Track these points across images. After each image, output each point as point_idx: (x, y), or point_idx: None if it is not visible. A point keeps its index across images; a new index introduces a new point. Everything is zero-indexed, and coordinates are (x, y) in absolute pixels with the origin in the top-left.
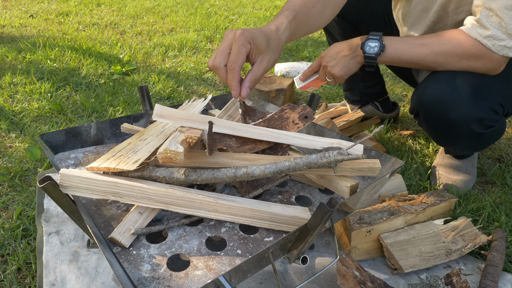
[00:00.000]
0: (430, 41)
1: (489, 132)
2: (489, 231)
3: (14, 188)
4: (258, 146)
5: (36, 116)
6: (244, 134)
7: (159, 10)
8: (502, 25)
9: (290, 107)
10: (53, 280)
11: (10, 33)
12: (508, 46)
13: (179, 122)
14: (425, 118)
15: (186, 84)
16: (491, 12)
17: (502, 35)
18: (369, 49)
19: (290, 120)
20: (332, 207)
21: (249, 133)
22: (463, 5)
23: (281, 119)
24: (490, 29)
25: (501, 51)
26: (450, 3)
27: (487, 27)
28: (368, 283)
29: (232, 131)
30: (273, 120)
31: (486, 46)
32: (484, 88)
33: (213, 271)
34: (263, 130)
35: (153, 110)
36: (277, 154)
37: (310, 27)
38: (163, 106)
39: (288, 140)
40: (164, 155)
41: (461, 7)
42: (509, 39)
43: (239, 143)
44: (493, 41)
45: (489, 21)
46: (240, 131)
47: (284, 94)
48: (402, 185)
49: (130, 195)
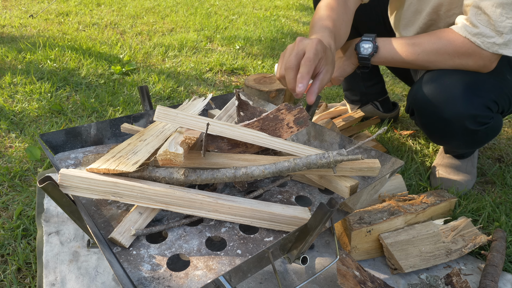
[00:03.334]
0: (421, 41)
1: (483, 129)
2: (489, 231)
3: (14, 188)
4: (249, 149)
5: (36, 116)
6: (236, 138)
7: (159, 10)
8: (490, 23)
9: (287, 108)
10: (53, 280)
11: (10, 33)
12: (497, 43)
13: (180, 124)
14: (420, 116)
15: (186, 84)
16: (479, 11)
17: (490, 32)
18: (362, 50)
19: (285, 123)
20: (332, 207)
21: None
22: (454, 8)
23: (276, 120)
24: (479, 26)
25: (490, 48)
26: (441, 6)
27: (476, 25)
28: (368, 283)
29: (223, 134)
30: (268, 121)
31: (475, 44)
32: (478, 85)
33: (213, 271)
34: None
35: (155, 111)
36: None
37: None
38: (164, 108)
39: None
40: (163, 156)
41: (453, 10)
42: (498, 36)
43: (230, 146)
44: (482, 39)
45: (478, 19)
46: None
47: (284, 94)
48: (402, 185)
49: (130, 195)
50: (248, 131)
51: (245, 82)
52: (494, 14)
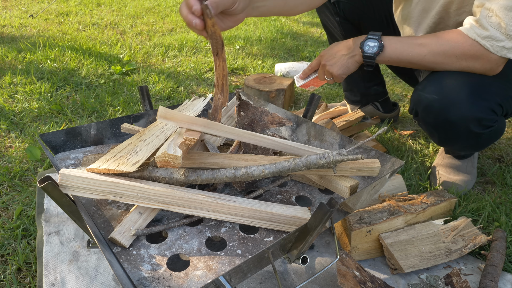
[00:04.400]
0: (428, 41)
1: (488, 132)
2: (489, 231)
3: (14, 188)
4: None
5: (36, 116)
6: (249, 141)
7: (159, 10)
8: (501, 26)
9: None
10: (53, 280)
11: (10, 33)
12: (506, 47)
13: (182, 125)
14: (424, 118)
15: (186, 84)
16: (491, 13)
17: (501, 36)
18: (368, 48)
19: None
20: (332, 207)
21: (253, 141)
22: (465, 6)
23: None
24: (489, 29)
25: (499, 52)
26: (452, 4)
27: (486, 28)
28: (368, 283)
29: (237, 137)
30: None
31: (484, 47)
32: (483, 88)
33: (213, 271)
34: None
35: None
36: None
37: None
38: (167, 108)
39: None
40: (162, 158)
41: (463, 8)
42: (508, 40)
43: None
44: (491, 42)
45: (489, 22)
46: (245, 138)
47: (284, 94)
48: (402, 185)
49: (130, 195)
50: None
51: (245, 82)
52: (506, 18)
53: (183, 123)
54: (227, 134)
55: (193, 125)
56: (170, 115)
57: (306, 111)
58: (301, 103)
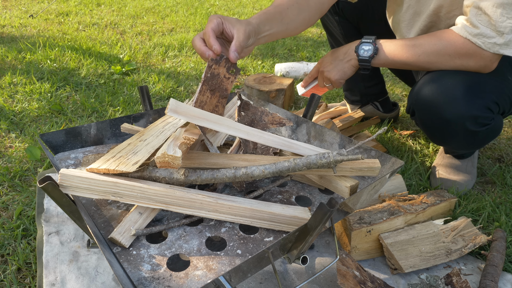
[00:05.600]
0: (422, 42)
1: (484, 130)
2: (489, 231)
3: (14, 188)
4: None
5: (36, 116)
6: (258, 140)
7: (159, 10)
8: (491, 23)
9: (214, 62)
10: (53, 280)
11: (10, 33)
12: (498, 43)
13: (193, 120)
14: (421, 117)
15: (186, 84)
16: (480, 11)
17: (491, 33)
18: (363, 52)
19: (222, 76)
20: (332, 207)
21: (263, 139)
22: (454, 9)
23: (214, 77)
24: (480, 27)
25: (491, 48)
26: (442, 8)
27: (477, 26)
28: (368, 283)
29: (246, 135)
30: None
31: (476, 44)
32: (479, 86)
33: (213, 271)
34: (276, 138)
35: (158, 110)
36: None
37: (286, 26)
38: (178, 101)
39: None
40: (162, 159)
41: (453, 12)
42: (499, 36)
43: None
44: (482, 39)
45: (478, 20)
46: (255, 136)
47: (284, 94)
48: (402, 185)
49: (130, 195)
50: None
51: (245, 82)
52: (494, 15)
53: (194, 119)
54: (238, 132)
55: (205, 121)
56: (182, 109)
57: (306, 111)
58: (301, 103)
